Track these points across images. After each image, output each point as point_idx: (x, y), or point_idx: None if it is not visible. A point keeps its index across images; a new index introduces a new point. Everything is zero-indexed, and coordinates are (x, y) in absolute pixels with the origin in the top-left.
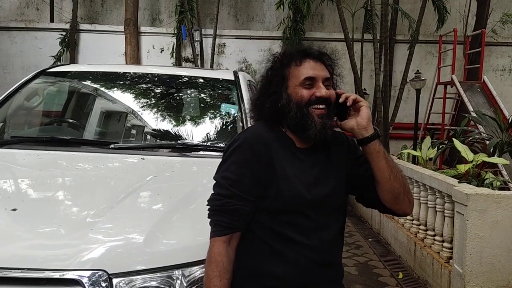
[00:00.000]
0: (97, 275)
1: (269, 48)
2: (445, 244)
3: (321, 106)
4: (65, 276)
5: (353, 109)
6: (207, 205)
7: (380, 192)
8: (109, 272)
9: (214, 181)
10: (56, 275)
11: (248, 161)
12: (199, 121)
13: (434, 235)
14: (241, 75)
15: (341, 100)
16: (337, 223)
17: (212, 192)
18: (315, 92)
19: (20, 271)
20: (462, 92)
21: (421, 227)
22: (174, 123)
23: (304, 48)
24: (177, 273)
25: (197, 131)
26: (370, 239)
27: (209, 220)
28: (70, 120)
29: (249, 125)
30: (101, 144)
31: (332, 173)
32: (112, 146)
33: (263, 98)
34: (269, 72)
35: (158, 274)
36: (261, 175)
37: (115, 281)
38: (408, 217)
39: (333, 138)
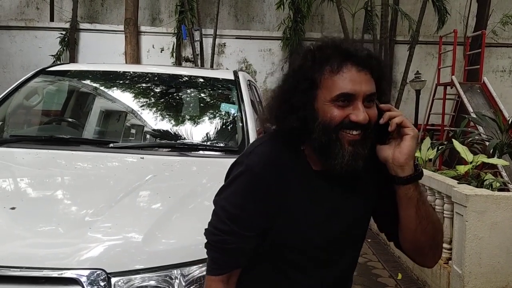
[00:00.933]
0: (95, 274)
1: (269, 48)
2: (444, 245)
3: (355, 132)
4: (63, 275)
5: (396, 134)
6: (204, 233)
7: (401, 238)
8: (108, 271)
9: (214, 205)
10: (54, 274)
11: (250, 193)
12: (199, 120)
13: None
14: (241, 75)
15: (381, 121)
16: (349, 257)
17: (210, 220)
18: (350, 114)
19: (19, 269)
20: (462, 93)
21: None
22: (174, 123)
23: (346, 48)
24: (175, 272)
25: (197, 131)
26: (369, 240)
27: (206, 251)
28: (70, 119)
29: (250, 130)
30: (100, 143)
31: (354, 202)
32: (111, 145)
33: (285, 107)
34: (296, 72)
35: (157, 274)
36: (265, 209)
37: (113, 280)
38: None
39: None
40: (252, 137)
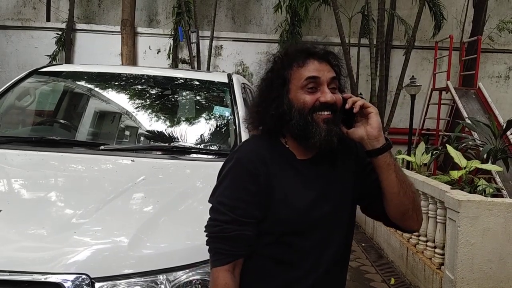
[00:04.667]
0: (80, 279)
1: (266, 51)
2: (437, 250)
3: (326, 113)
4: (47, 279)
5: (360, 116)
6: (204, 231)
7: (387, 207)
8: (92, 276)
9: (210, 205)
10: (38, 278)
11: (243, 184)
12: (192, 123)
13: (427, 241)
14: (235, 78)
15: (347, 106)
16: (341, 239)
17: (209, 217)
18: (319, 97)
19: (1, 273)
20: (457, 98)
21: (413, 232)
22: (166, 125)
23: (307, 47)
24: (161, 277)
25: (189, 134)
26: (363, 244)
27: (208, 247)
28: (62, 121)
29: (242, 133)
30: (91, 145)
31: (337, 184)
32: (102, 147)
33: (264, 104)
34: (269, 74)
35: (142, 279)
36: (259, 197)
37: (97, 285)
38: None
39: (340, 145)
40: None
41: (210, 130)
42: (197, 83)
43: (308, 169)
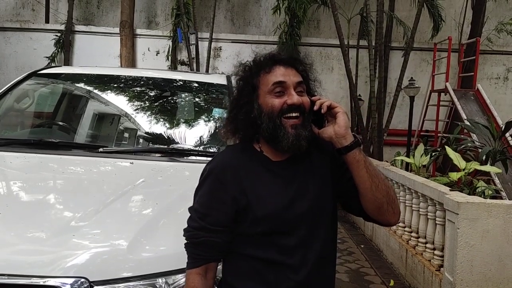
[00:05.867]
0: (79, 282)
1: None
2: (436, 252)
3: (294, 115)
4: (46, 283)
5: (329, 116)
6: (183, 234)
7: (362, 203)
8: (90, 280)
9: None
10: (37, 281)
11: (214, 192)
12: (190, 125)
13: (426, 243)
14: (234, 79)
15: (315, 107)
16: (324, 235)
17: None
18: (286, 100)
19: (0, 277)
20: (455, 99)
21: (412, 234)
22: (165, 128)
23: (272, 55)
24: (160, 281)
25: (188, 136)
26: (362, 246)
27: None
28: (61, 123)
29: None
30: (90, 147)
31: (315, 183)
32: (101, 149)
33: (235, 110)
34: (239, 82)
35: (141, 282)
36: (230, 205)
37: None
38: (400, 224)
39: (316, 145)
40: None
41: (209, 132)
42: (196, 85)
43: (284, 169)
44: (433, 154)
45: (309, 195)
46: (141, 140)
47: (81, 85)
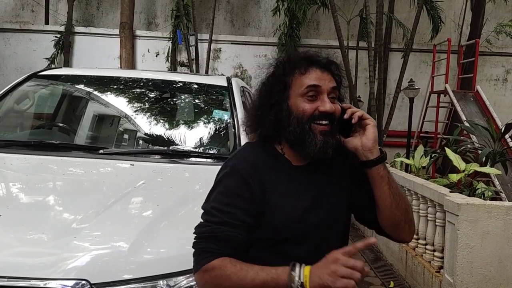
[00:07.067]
0: (80, 284)
1: (265, 54)
2: (436, 254)
3: (324, 122)
4: (47, 285)
5: (358, 126)
6: (194, 233)
7: (379, 217)
8: (92, 282)
9: (202, 211)
10: (37, 284)
11: (236, 190)
12: (191, 127)
13: (426, 244)
14: (234, 81)
15: (346, 116)
16: (335, 246)
17: (200, 220)
18: (318, 106)
19: (0, 279)
20: (455, 101)
21: None
22: (165, 129)
23: (310, 55)
24: (161, 283)
25: (189, 137)
26: None
27: (193, 251)
28: (61, 124)
29: (242, 136)
30: (90, 149)
31: (332, 192)
32: (101, 151)
33: (264, 108)
34: (270, 78)
35: (142, 284)
36: (252, 204)
37: None
38: None
39: (337, 152)
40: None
41: (209, 133)
42: (196, 86)
43: (303, 175)
44: (433, 155)
45: (325, 205)
46: (141, 142)
47: (81, 86)
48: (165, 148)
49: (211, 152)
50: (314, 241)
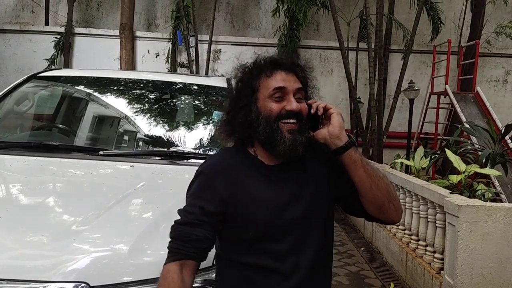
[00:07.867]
0: (79, 287)
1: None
2: (436, 255)
3: (291, 121)
4: None
5: (325, 119)
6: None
7: (363, 203)
8: (91, 284)
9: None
10: (36, 286)
11: (199, 192)
12: (190, 128)
13: (426, 246)
14: (233, 81)
15: (312, 110)
16: (317, 241)
17: None
18: (285, 105)
19: (0, 282)
20: (455, 102)
21: (413, 237)
22: (165, 130)
23: (275, 59)
24: None
25: (188, 139)
26: (362, 248)
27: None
28: (60, 126)
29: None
30: (90, 150)
31: (309, 188)
32: (101, 152)
33: (233, 112)
34: (239, 84)
35: (142, 287)
36: (216, 205)
37: None
38: (400, 227)
39: (311, 150)
40: None
41: (209, 135)
42: (196, 88)
43: (277, 174)
44: (433, 156)
45: (302, 201)
46: (141, 143)
47: (81, 87)
48: (165, 149)
49: (211, 153)
50: (295, 237)
